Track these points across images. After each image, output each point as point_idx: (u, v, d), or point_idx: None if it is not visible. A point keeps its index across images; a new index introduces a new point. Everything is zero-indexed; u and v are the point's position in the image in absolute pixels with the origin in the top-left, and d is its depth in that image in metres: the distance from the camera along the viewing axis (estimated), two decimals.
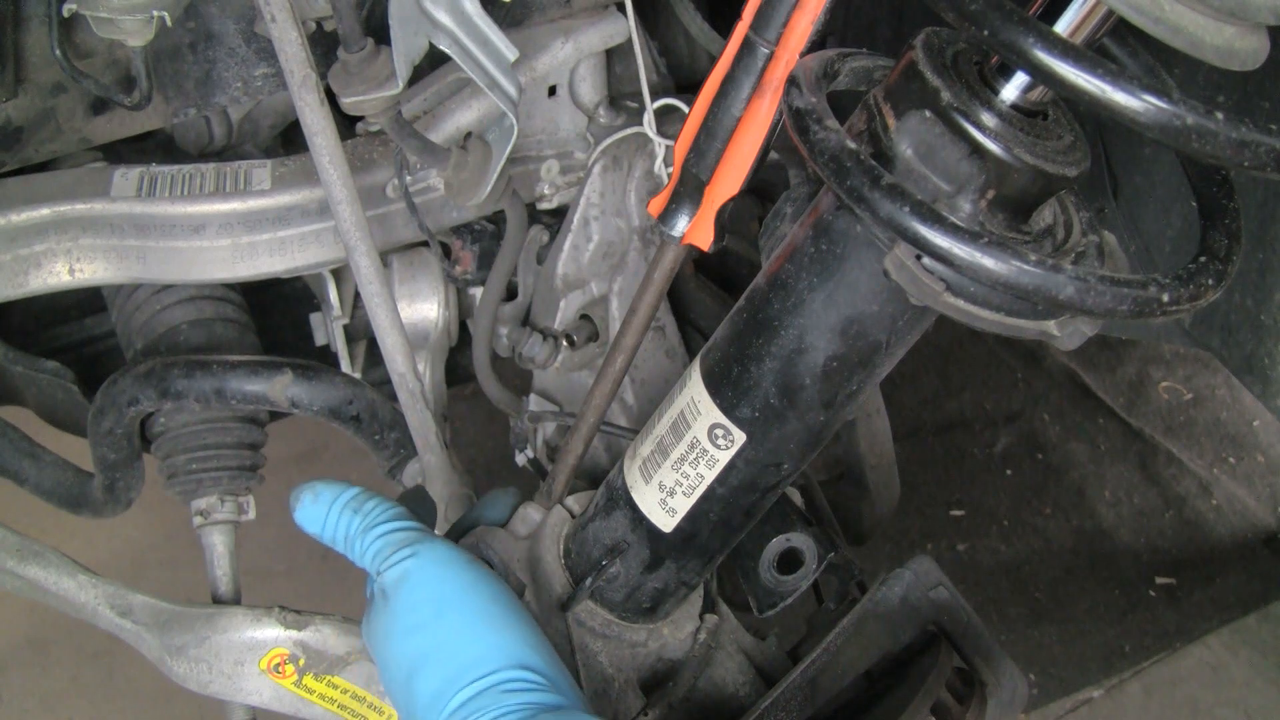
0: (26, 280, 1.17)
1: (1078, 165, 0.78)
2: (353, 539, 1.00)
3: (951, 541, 2.62)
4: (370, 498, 1.01)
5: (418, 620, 0.94)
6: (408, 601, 0.95)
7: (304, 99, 1.02)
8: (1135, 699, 2.32)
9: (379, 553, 0.98)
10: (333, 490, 1.01)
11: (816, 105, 0.79)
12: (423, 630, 0.93)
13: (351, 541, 1.00)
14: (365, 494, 1.02)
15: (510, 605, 0.96)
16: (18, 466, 1.35)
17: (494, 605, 0.95)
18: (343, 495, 1.01)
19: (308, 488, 1.02)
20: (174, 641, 1.17)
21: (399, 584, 0.95)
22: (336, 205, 1.07)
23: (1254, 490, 2.71)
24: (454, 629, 0.93)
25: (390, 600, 0.95)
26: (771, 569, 1.18)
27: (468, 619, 0.93)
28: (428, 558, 0.96)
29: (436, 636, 0.93)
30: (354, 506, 1.00)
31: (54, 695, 2.34)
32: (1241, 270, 1.23)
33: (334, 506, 1.01)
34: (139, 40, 1.05)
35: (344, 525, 1.00)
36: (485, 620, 0.93)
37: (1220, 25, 0.69)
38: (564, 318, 1.42)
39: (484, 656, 0.90)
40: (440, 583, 0.95)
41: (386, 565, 0.97)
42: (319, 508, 1.01)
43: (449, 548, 0.98)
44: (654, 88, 1.33)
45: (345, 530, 1.00)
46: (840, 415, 0.93)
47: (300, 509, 1.02)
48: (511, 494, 1.19)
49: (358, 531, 1.00)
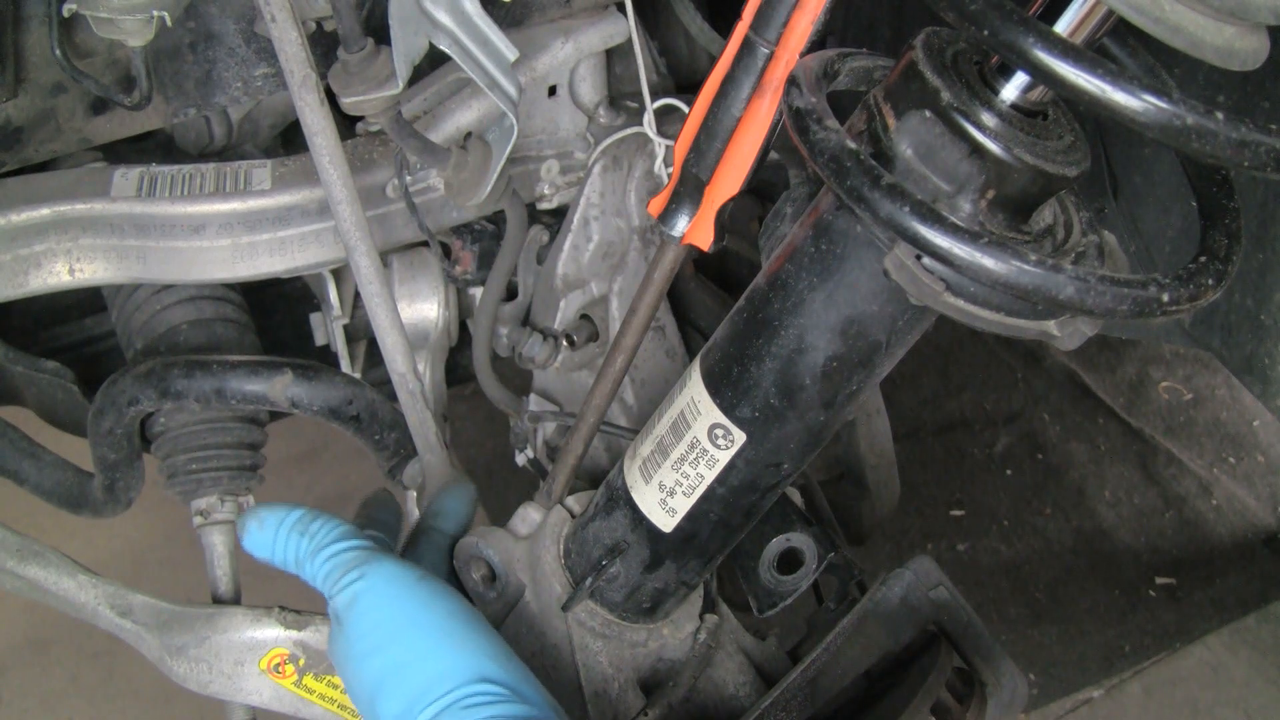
0: (26, 280, 1.17)
1: (1078, 165, 0.78)
2: (302, 562, 0.99)
3: (951, 541, 2.62)
4: (316, 518, 1.00)
5: (373, 643, 0.93)
6: (360, 626, 0.93)
7: (304, 99, 1.02)
8: (1135, 699, 2.32)
9: (328, 576, 0.97)
10: (277, 514, 1.00)
11: (816, 105, 0.79)
12: (379, 653, 0.92)
13: (301, 565, 0.99)
14: (311, 515, 1.00)
15: (466, 617, 0.95)
16: (18, 466, 1.35)
17: (449, 620, 0.93)
18: (288, 518, 1.00)
19: (251, 514, 1.01)
20: (174, 641, 1.17)
21: (350, 608, 0.94)
22: (336, 205, 1.07)
23: (1254, 490, 2.71)
24: (410, 649, 0.91)
25: (344, 625, 0.94)
26: (771, 569, 1.18)
27: (422, 637, 0.92)
28: (376, 578, 0.95)
29: (393, 658, 0.91)
30: (300, 529, 0.99)
31: (54, 695, 2.34)
32: (1241, 270, 1.23)
33: (280, 531, 1.00)
34: (139, 40, 1.05)
35: (292, 549, 0.99)
36: (441, 636, 0.92)
37: (1220, 25, 0.69)
38: (564, 318, 1.42)
39: (443, 674, 0.89)
40: (391, 603, 0.94)
41: (337, 589, 0.95)
42: (265, 534, 1.00)
43: (398, 565, 0.97)
44: (654, 88, 1.33)
45: (294, 554, 0.99)
46: (840, 415, 0.93)
47: (247, 536, 1.01)
48: (464, 491, 1.17)
49: (307, 555, 0.99)
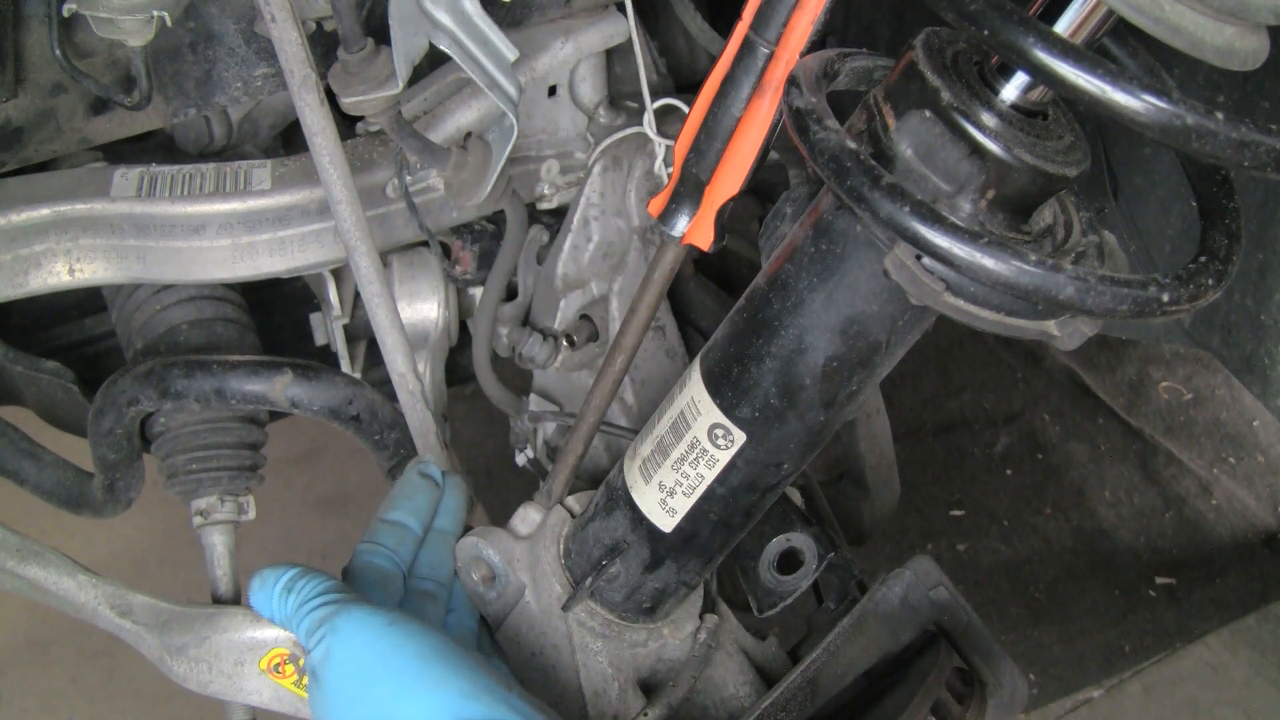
0: (26, 280, 1.17)
1: (1078, 165, 0.78)
2: (289, 621, 1.00)
3: (951, 541, 2.62)
4: (304, 576, 1.01)
5: (348, 698, 0.93)
6: (334, 681, 0.93)
7: (304, 99, 1.02)
8: (1135, 699, 2.32)
9: (305, 633, 0.97)
10: (275, 573, 1.02)
11: (816, 105, 0.79)
12: (355, 706, 0.92)
13: (289, 623, 1.00)
14: (302, 573, 1.01)
15: (440, 656, 0.94)
16: (18, 466, 1.35)
17: (420, 663, 0.93)
18: (282, 578, 1.01)
19: (257, 574, 1.03)
20: (174, 641, 1.17)
21: (324, 664, 0.94)
22: (336, 205, 1.07)
23: (1254, 490, 2.71)
24: (384, 699, 0.91)
25: (320, 682, 0.94)
26: (771, 569, 1.18)
27: (395, 685, 0.91)
28: (345, 631, 0.94)
29: (369, 711, 0.91)
30: (288, 587, 1.01)
31: (54, 695, 2.34)
32: (1241, 270, 1.23)
33: (275, 590, 1.01)
34: (139, 40, 1.05)
35: (280, 608, 1.01)
36: (414, 681, 0.91)
37: (1220, 25, 0.69)
38: (564, 318, 1.42)
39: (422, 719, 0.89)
40: (361, 653, 0.93)
41: (311, 645, 0.96)
42: (265, 593, 1.02)
43: (366, 612, 0.96)
44: (654, 88, 1.33)
45: (285, 613, 1.01)
46: (840, 415, 0.93)
47: (251, 596, 1.03)
48: (455, 485, 1.17)
49: (291, 612, 1.00)
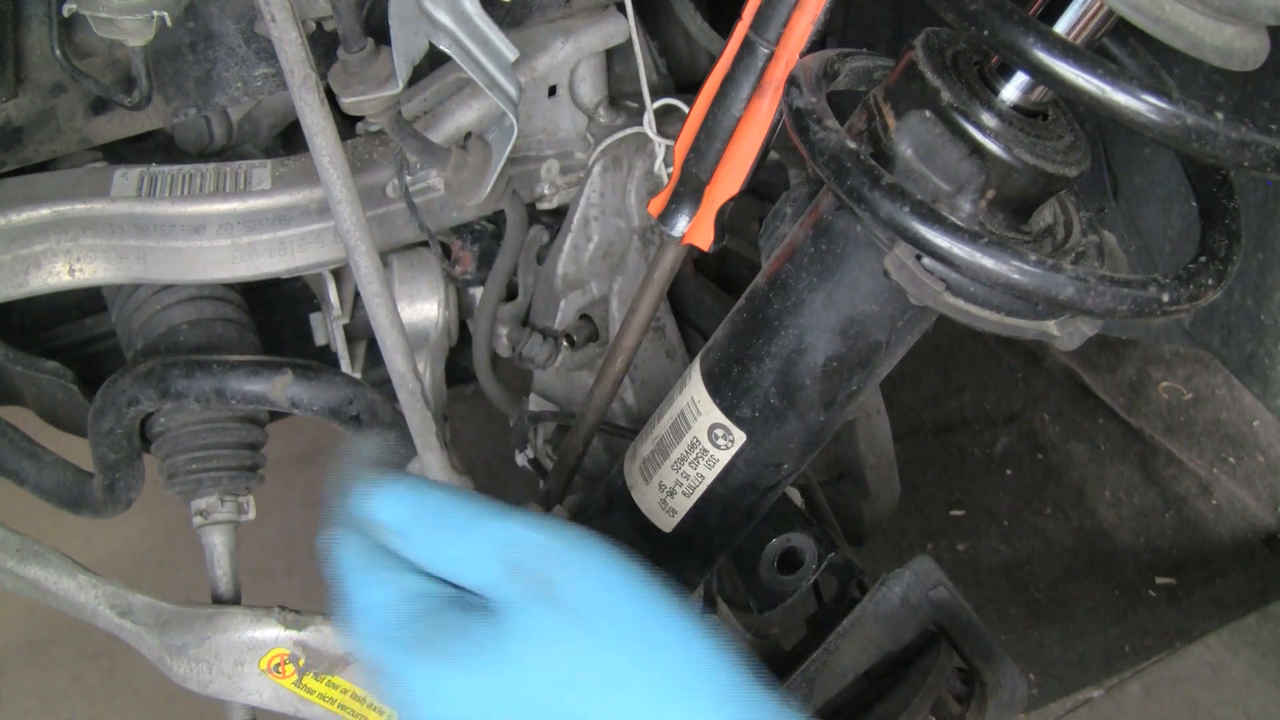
0: (26, 280, 1.17)
1: (1078, 165, 0.78)
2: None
3: (951, 541, 2.62)
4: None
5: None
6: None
7: (304, 99, 1.01)
8: (1135, 699, 2.32)
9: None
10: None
11: (816, 105, 0.79)
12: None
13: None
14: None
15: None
16: (18, 466, 1.35)
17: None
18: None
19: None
20: (174, 641, 1.17)
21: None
22: (336, 205, 1.07)
23: (1254, 490, 2.71)
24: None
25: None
26: (771, 569, 1.18)
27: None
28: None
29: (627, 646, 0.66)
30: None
31: (54, 695, 2.34)
32: (1241, 270, 1.23)
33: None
34: (139, 40, 1.05)
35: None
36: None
37: (1220, 25, 0.69)
38: (564, 318, 1.42)
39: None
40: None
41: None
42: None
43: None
44: (654, 88, 1.33)
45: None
46: (840, 415, 0.93)
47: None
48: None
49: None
